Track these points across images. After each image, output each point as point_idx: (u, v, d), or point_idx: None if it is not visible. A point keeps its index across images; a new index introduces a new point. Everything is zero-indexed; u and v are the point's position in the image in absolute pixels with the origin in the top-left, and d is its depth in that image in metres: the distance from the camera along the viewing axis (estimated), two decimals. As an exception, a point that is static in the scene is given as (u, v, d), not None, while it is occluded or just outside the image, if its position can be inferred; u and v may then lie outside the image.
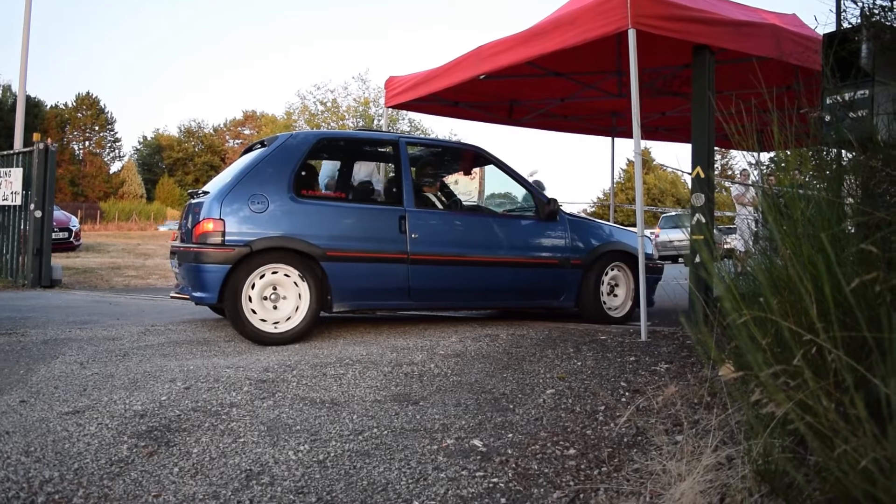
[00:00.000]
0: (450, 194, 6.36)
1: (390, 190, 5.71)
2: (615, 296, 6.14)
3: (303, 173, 5.33)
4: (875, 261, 1.61)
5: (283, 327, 4.82)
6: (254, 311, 4.76)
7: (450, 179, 7.16)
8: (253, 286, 4.77)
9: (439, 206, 5.84)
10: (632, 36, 4.70)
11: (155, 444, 2.55)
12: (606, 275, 6.04)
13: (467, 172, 7.39)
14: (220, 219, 4.77)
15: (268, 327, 4.79)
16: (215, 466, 2.34)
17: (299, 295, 4.88)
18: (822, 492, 1.56)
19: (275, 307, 4.83)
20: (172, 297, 5.50)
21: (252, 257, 4.75)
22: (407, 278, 5.22)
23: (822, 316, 1.56)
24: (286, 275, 4.87)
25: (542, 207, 5.84)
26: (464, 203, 6.54)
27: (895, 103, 2.55)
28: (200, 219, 4.84)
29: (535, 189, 6.07)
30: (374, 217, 5.30)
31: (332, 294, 4.96)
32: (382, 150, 6.12)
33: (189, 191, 5.92)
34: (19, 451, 2.46)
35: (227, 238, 4.72)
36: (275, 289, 4.84)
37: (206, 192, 5.23)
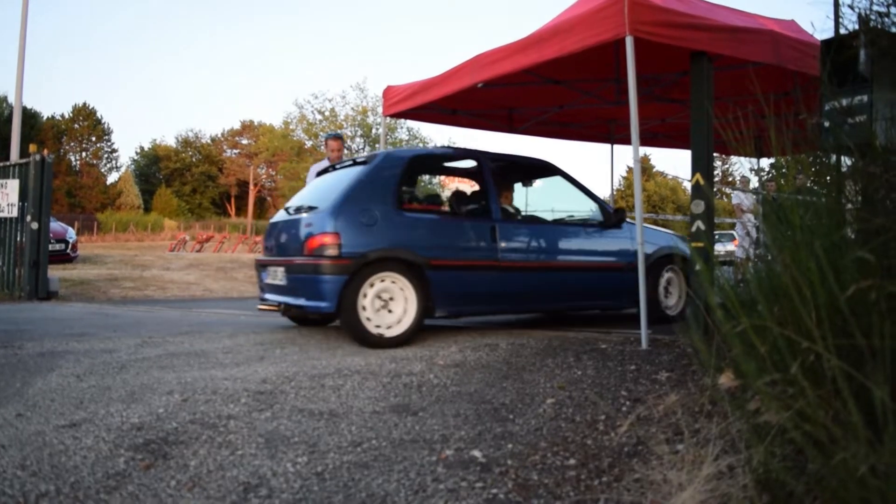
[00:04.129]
0: (522, 204, 7.03)
1: (479, 202, 6.10)
2: (670, 294, 6.64)
3: (403, 188, 5.76)
4: (873, 268, 1.60)
5: (394, 332, 5.15)
6: (368, 318, 5.08)
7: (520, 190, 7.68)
8: (365, 295, 5.09)
9: (520, 216, 6.50)
10: (629, 43, 4.70)
11: (152, 457, 2.53)
12: (662, 277, 6.54)
13: (529, 183, 7.77)
14: (336, 232, 5.10)
15: (381, 332, 5.12)
16: (213, 479, 2.32)
17: (406, 301, 5.22)
18: (822, 501, 1.55)
19: (388, 311, 5.18)
20: (260, 309, 6.13)
21: (365, 267, 5.09)
22: (497, 284, 5.65)
23: (818, 324, 1.55)
24: (394, 282, 5.20)
25: (609, 216, 6.36)
26: (536, 213, 7.01)
27: (893, 109, 2.55)
28: (315, 233, 5.19)
29: (600, 199, 6.55)
30: (469, 228, 5.72)
31: (434, 300, 5.32)
32: (467, 165, 6.65)
33: (284, 206, 6.31)
34: (15, 465, 2.44)
35: (343, 250, 5.05)
36: (385, 296, 5.18)
37: (302, 209, 5.74)
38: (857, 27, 2.63)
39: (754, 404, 1.83)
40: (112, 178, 67.38)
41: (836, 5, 2.78)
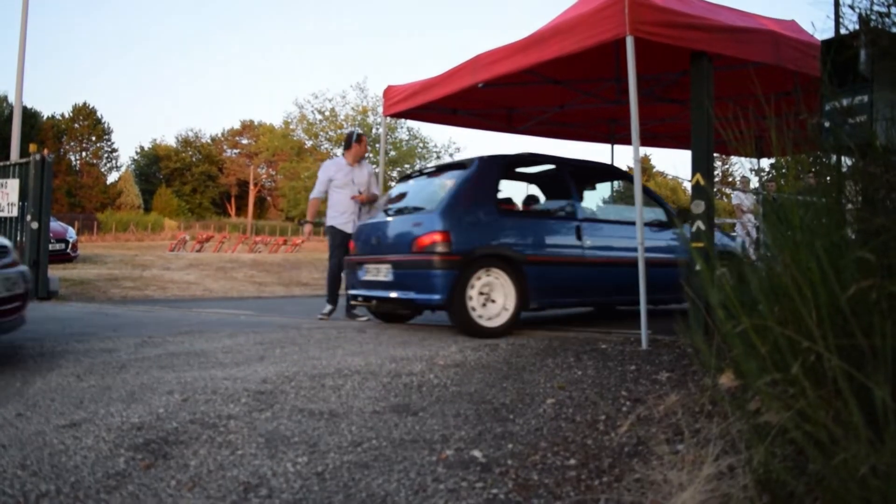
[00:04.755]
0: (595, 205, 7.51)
1: (564, 203, 6.62)
2: None
3: (500, 190, 6.38)
4: (873, 267, 1.60)
5: (495, 322, 5.66)
6: (473, 309, 5.59)
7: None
8: (472, 287, 5.61)
9: (598, 216, 6.85)
10: (630, 43, 4.70)
11: (152, 457, 2.53)
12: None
13: (599, 186, 8.21)
14: (446, 231, 5.60)
15: (484, 322, 5.63)
16: (213, 479, 2.32)
17: (505, 295, 5.73)
18: (823, 501, 1.55)
19: (491, 302, 5.71)
20: (353, 304, 6.98)
21: (472, 263, 5.62)
22: (582, 278, 6.17)
23: (818, 324, 1.55)
24: (496, 278, 5.72)
25: (672, 217, 6.80)
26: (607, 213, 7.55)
27: (894, 109, 2.55)
28: (426, 231, 5.69)
29: (663, 201, 7.14)
30: (557, 227, 6.27)
31: (529, 294, 5.82)
32: (549, 170, 7.11)
33: (385, 208, 6.78)
34: (15, 465, 2.44)
35: (453, 248, 5.57)
36: (486, 290, 5.68)
37: (405, 210, 6.34)
38: (857, 27, 2.63)
39: (755, 404, 1.83)
40: (112, 177, 67.45)
41: (837, 5, 2.78)
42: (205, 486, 2.26)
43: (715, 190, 6.50)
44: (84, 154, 66.13)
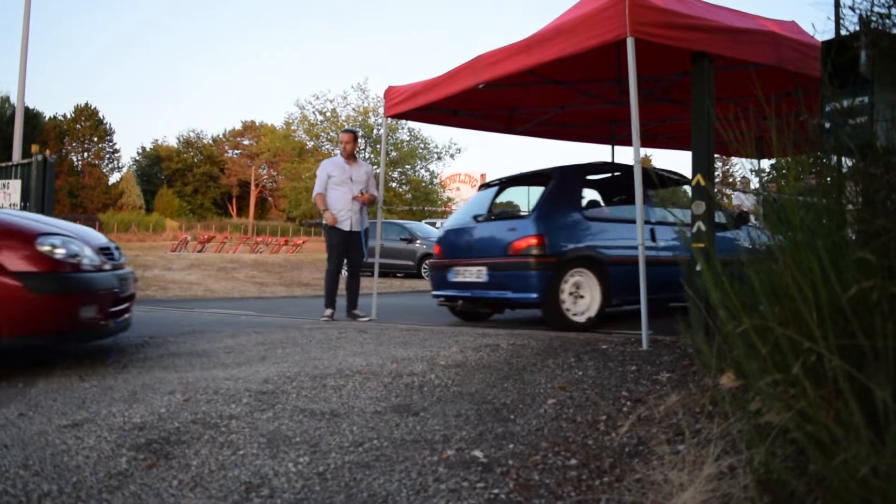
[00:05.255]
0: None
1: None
2: None
3: (583, 197, 7.08)
4: (874, 268, 1.60)
5: (582, 318, 6.33)
6: (565, 306, 6.27)
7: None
8: (565, 285, 6.27)
9: (668, 219, 7.28)
10: (630, 44, 4.70)
11: (154, 457, 2.53)
12: None
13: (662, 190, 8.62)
14: (541, 235, 6.28)
15: (574, 318, 6.29)
16: (215, 479, 2.33)
17: (591, 292, 6.40)
18: (824, 501, 1.55)
19: (580, 299, 6.38)
20: (440, 304, 7.49)
21: (563, 265, 6.29)
22: (657, 276, 6.21)
23: (820, 324, 1.55)
24: (582, 277, 6.38)
25: (731, 219, 6.95)
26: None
27: (894, 110, 2.55)
28: (521, 236, 6.38)
29: (721, 204, 7.56)
30: (634, 230, 6.41)
31: (612, 292, 6.43)
32: (620, 176, 7.80)
33: (474, 215, 7.41)
34: (18, 465, 2.44)
35: (547, 250, 6.25)
36: (575, 289, 6.36)
37: (493, 216, 7.08)
38: (857, 28, 2.64)
39: (756, 405, 1.83)
40: (114, 178, 67.53)
41: (837, 6, 2.78)
42: (206, 486, 2.27)
43: (715, 190, 6.68)
44: (86, 155, 66.20)
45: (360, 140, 35.80)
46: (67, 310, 4.07)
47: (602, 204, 8.03)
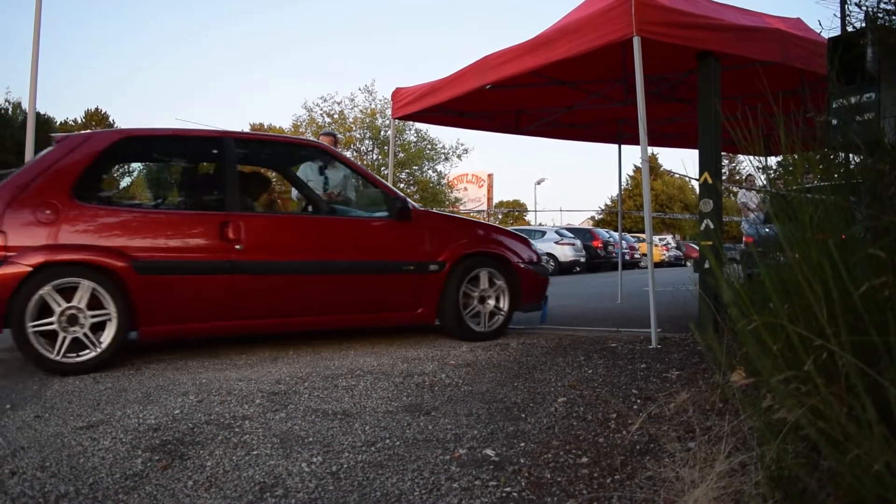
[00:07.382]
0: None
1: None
2: None
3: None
4: (884, 265, 1.61)
5: None
6: None
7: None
8: None
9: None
10: (636, 43, 4.71)
11: (169, 458, 2.56)
12: None
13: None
14: None
15: None
16: (229, 479, 2.35)
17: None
18: (836, 497, 1.56)
19: None
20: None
21: None
22: None
23: (831, 321, 1.56)
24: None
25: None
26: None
27: (901, 106, 2.55)
28: None
29: None
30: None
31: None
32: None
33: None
34: (35, 467, 2.47)
35: None
36: None
37: None
38: (864, 25, 2.64)
39: (768, 401, 1.84)
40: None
41: (843, 3, 2.79)
42: (221, 486, 2.29)
43: (723, 188, 6.63)
44: (93, 159, 66.47)
45: (368, 142, 35.78)
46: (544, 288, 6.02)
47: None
